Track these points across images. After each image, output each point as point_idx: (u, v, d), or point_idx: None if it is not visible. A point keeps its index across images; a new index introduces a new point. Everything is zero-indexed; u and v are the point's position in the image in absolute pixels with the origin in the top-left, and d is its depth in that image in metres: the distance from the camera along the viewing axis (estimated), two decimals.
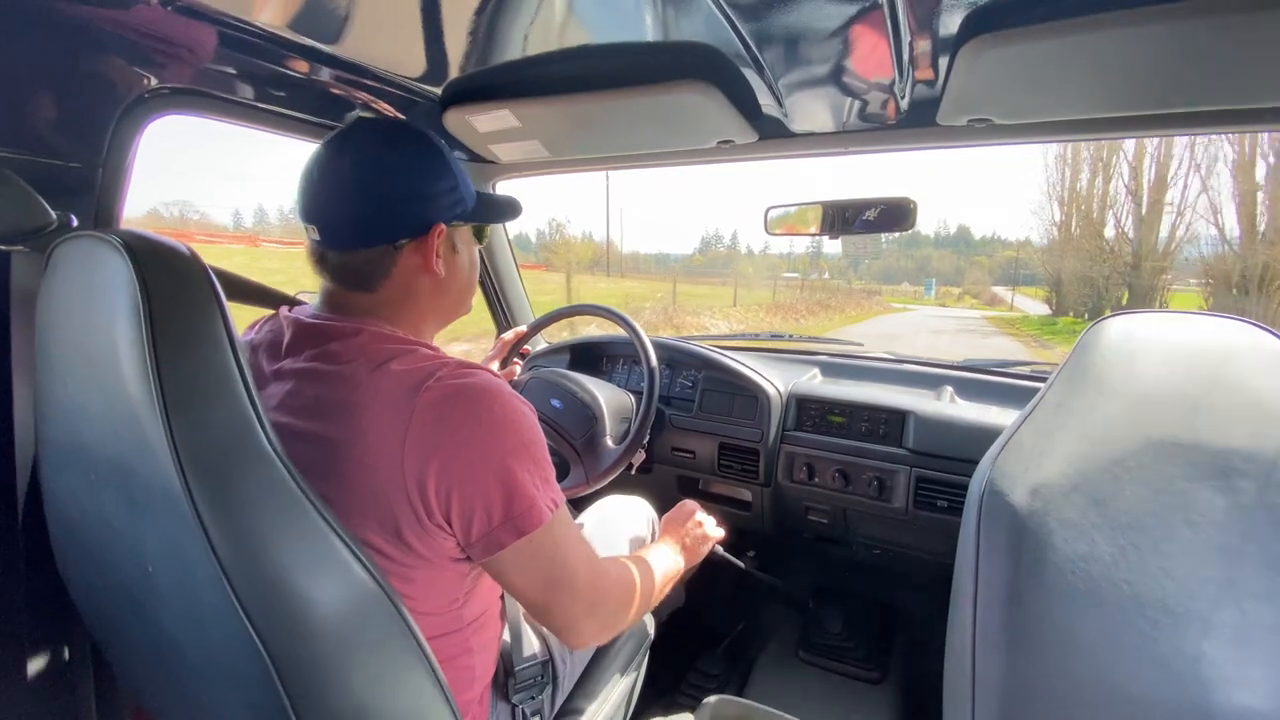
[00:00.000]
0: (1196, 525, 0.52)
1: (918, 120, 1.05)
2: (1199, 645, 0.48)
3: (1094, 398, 0.61)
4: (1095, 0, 0.64)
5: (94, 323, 0.53)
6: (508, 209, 0.85)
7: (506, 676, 0.86)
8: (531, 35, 0.81)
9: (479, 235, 0.81)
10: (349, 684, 0.53)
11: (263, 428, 0.52)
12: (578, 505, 1.42)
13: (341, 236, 0.69)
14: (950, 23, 0.71)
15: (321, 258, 0.71)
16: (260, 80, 0.93)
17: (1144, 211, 21.40)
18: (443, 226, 0.70)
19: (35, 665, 0.78)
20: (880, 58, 0.81)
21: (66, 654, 0.81)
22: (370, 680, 0.54)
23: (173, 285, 0.50)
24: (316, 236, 0.70)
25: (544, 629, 0.93)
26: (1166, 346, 0.63)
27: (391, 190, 0.68)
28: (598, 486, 1.30)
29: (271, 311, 0.77)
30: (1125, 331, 0.66)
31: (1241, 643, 0.47)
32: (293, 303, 0.86)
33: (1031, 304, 37.13)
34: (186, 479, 0.47)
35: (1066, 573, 0.52)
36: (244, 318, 0.79)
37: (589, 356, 1.76)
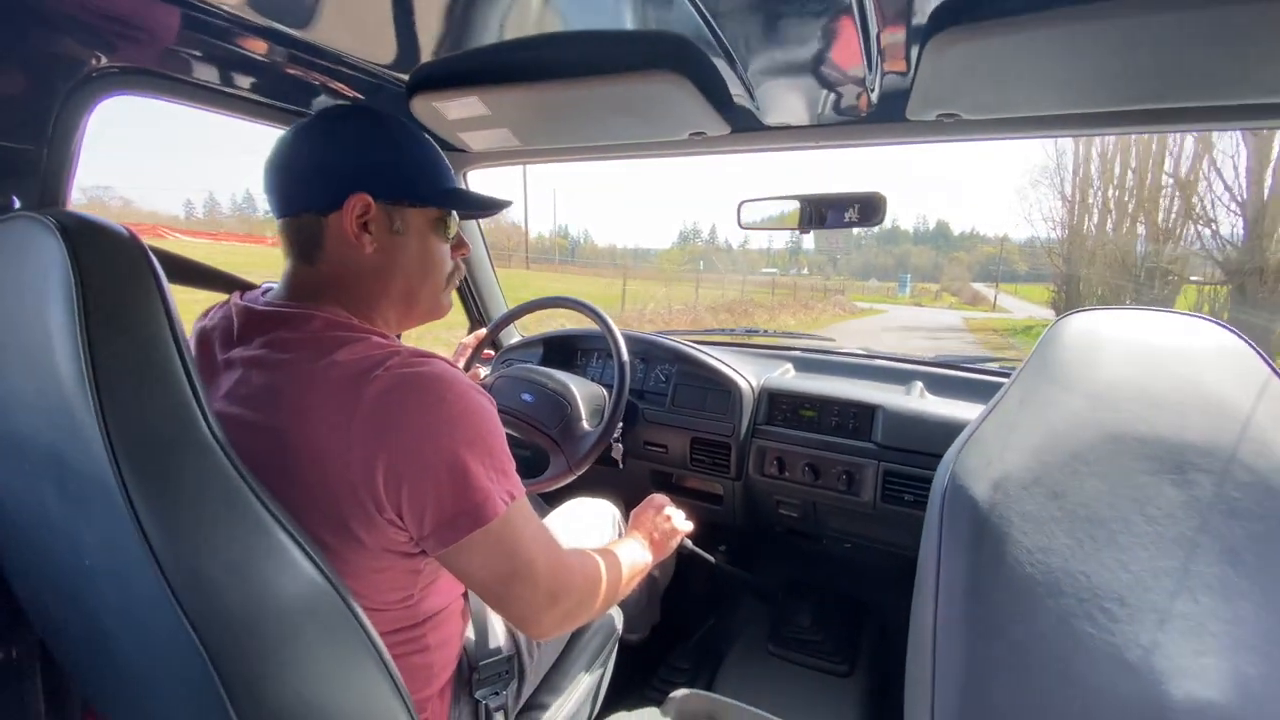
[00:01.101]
0: (1153, 519, 0.52)
1: (888, 115, 1.05)
2: (1154, 636, 0.48)
3: (1056, 393, 0.61)
4: None
5: (26, 306, 0.51)
6: (468, 202, 0.80)
7: (470, 671, 0.84)
8: (501, 22, 0.79)
9: (445, 231, 0.76)
10: (293, 682, 0.51)
11: (204, 416, 0.50)
12: (549, 501, 1.41)
13: (276, 203, 0.71)
14: (919, 15, 0.71)
15: (278, 230, 0.72)
16: (216, 61, 0.89)
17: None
18: (367, 199, 0.68)
19: None
20: (850, 49, 0.80)
21: (14, 652, 0.78)
22: (316, 678, 0.52)
23: (108, 267, 0.48)
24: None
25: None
26: (1128, 343, 0.64)
27: (313, 158, 0.70)
28: (581, 471, 1.29)
29: (226, 297, 0.75)
30: (1088, 328, 0.67)
31: (1195, 634, 0.48)
32: (247, 287, 0.83)
33: (1019, 304, 35.21)
34: (120, 469, 0.45)
35: (1025, 565, 0.53)
36: (204, 301, 0.77)
37: (562, 350, 1.75)
